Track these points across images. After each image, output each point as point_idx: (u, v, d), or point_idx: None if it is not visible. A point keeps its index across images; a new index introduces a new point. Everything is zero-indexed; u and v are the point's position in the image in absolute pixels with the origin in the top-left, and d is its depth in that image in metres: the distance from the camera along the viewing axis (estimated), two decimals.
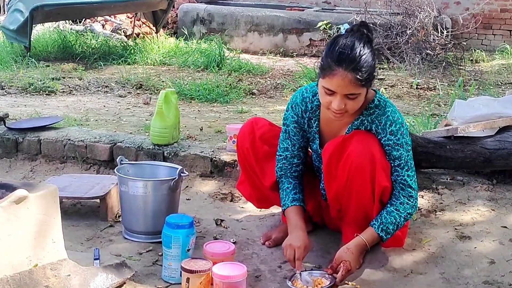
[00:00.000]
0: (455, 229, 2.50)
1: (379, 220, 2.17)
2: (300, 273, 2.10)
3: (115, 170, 2.51)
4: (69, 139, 3.27)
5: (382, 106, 2.18)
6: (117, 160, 2.56)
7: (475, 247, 2.36)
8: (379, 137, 2.18)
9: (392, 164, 2.17)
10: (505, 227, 2.48)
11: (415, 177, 2.21)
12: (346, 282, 2.13)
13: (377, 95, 2.21)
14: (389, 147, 2.16)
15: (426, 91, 5.44)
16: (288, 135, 2.35)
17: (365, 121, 2.20)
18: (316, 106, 2.27)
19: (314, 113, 2.29)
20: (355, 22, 2.17)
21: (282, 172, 2.36)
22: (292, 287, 2.06)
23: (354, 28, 2.10)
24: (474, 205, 2.66)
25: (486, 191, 2.73)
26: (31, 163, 3.29)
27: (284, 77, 6.01)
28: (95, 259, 2.13)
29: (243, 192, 2.56)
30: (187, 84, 5.30)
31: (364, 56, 2.03)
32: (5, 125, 3.45)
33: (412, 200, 2.18)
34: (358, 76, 2.01)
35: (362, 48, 2.04)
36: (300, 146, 2.35)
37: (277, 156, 2.37)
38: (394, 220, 2.16)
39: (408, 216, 2.20)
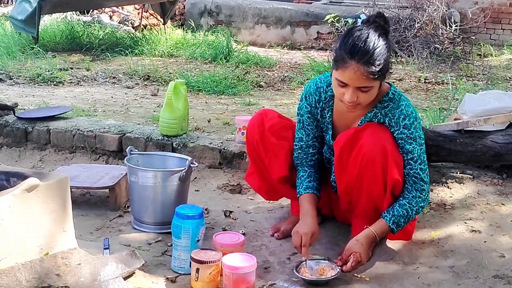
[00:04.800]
0: (465, 223, 2.49)
1: (390, 212, 2.17)
2: (306, 261, 2.11)
3: (124, 160, 2.51)
4: (78, 129, 3.28)
5: (396, 100, 2.17)
6: (127, 150, 2.56)
7: (485, 241, 2.35)
8: (392, 130, 2.17)
9: (405, 158, 2.16)
10: None
11: (428, 170, 2.20)
12: (356, 275, 2.13)
13: (392, 88, 2.20)
14: (402, 141, 2.15)
15: (434, 85, 5.41)
16: (302, 125, 2.34)
17: (379, 114, 2.19)
18: (329, 96, 2.26)
19: (327, 103, 2.28)
20: (371, 13, 2.13)
21: (298, 161, 2.37)
22: (298, 275, 2.08)
23: (370, 19, 2.08)
24: (484, 199, 2.65)
25: (496, 185, 2.72)
26: (40, 152, 3.30)
27: (292, 70, 5.99)
28: (104, 249, 2.14)
29: (252, 184, 2.55)
30: (194, 76, 5.30)
31: (378, 49, 2.00)
32: (14, 114, 3.46)
33: (424, 194, 2.18)
34: (371, 70, 1.99)
35: (376, 40, 2.01)
36: (314, 136, 2.34)
37: (293, 146, 2.37)
38: (406, 213, 2.16)
39: (420, 209, 2.20)
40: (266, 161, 2.38)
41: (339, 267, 2.09)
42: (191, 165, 2.46)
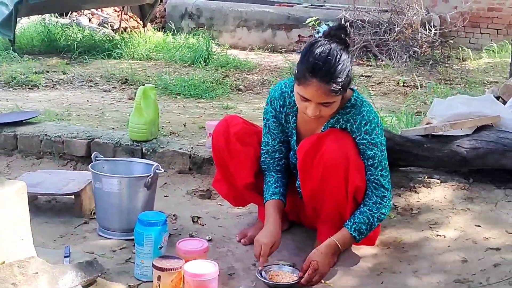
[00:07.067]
0: (430, 227, 2.50)
1: (352, 220, 2.16)
2: (261, 271, 2.10)
3: (89, 166, 2.48)
4: (46, 135, 3.24)
5: (358, 106, 2.17)
6: (92, 156, 2.53)
7: (449, 246, 2.36)
8: (353, 136, 2.17)
9: (366, 164, 2.16)
10: (479, 226, 2.48)
11: (389, 177, 2.20)
12: (321, 281, 2.13)
13: (354, 94, 2.20)
14: (364, 146, 2.15)
15: (412, 89, 5.44)
16: (268, 130, 2.34)
17: (341, 120, 2.19)
18: (294, 101, 2.24)
19: (292, 108, 2.28)
20: (333, 24, 2.12)
21: (265, 166, 2.36)
22: (260, 278, 2.08)
23: (331, 32, 2.06)
24: (450, 204, 2.66)
25: (463, 190, 2.73)
26: (7, 158, 3.26)
27: (271, 73, 5.99)
28: (65, 257, 2.11)
29: (219, 190, 2.54)
30: (173, 79, 5.27)
31: (339, 66, 1.99)
32: None
33: (385, 200, 2.17)
34: (332, 88, 1.99)
35: (338, 56, 2.00)
36: (280, 140, 2.34)
37: (260, 150, 2.37)
38: (367, 220, 2.16)
39: (382, 216, 2.19)
40: (231, 167, 2.38)
41: (298, 274, 2.10)
42: (157, 171, 2.44)
